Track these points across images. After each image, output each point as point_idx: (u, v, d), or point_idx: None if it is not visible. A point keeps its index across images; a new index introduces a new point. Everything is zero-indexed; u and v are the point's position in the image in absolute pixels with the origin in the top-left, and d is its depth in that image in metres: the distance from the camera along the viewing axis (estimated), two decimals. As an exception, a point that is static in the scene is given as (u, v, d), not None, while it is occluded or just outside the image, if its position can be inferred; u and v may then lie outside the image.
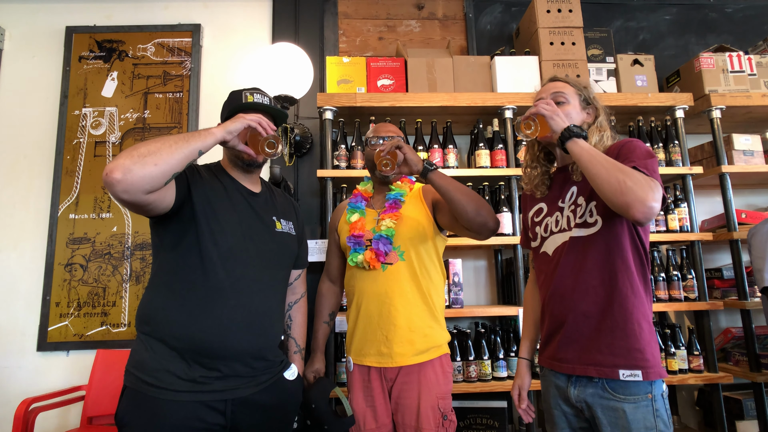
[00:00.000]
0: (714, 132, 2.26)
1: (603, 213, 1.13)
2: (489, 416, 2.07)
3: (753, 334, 2.08)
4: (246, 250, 1.19)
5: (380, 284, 1.42)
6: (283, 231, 1.31)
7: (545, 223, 1.26)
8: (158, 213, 1.10)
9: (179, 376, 1.08)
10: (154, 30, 2.58)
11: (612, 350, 1.09)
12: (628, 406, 1.06)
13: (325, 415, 1.38)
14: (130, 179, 0.94)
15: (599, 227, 1.13)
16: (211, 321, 1.11)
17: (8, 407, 2.17)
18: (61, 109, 2.46)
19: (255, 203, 1.28)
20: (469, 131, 2.41)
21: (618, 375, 1.07)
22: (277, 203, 1.38)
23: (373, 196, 1.59)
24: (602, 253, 1.13)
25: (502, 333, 2.13)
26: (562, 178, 1.26)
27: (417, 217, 1.47)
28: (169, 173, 1.00)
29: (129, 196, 0.96)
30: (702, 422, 2.29)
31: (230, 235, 1.18)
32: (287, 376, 1.27)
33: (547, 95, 1.25)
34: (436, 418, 1.35)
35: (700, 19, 2.83)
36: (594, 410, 1.10)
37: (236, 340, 1.12)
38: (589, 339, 1.12)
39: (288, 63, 2.12)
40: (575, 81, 1.28)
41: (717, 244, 2.44)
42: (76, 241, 2.35)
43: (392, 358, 1.38)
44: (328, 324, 1.61)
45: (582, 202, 1.17)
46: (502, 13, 2.77)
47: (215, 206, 1.18)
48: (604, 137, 1.20)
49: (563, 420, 1.19)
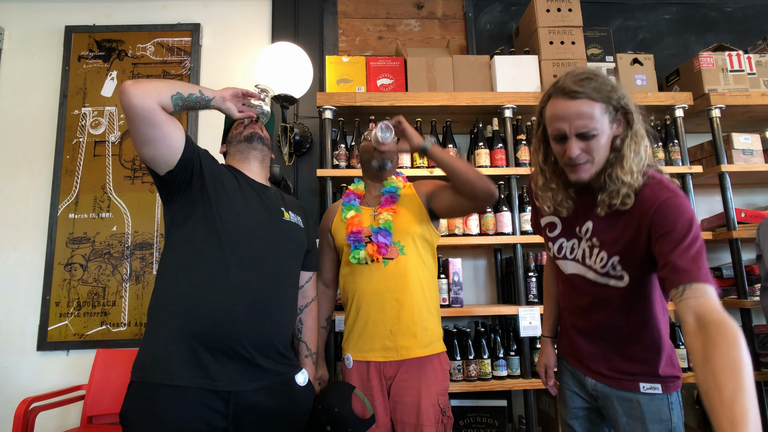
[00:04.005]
0: (713, 131, 2.26)
1: (633, 268, 1.02)
2: (489, 415, 2.07)
3: (752, 333, 2.09)
4: (252, 231, 1.20)
5: (382, 279, 1.42)
6: (290, 221, 1.32)
7: (560, 243, 1.16)
8: (165, 154, 1.11)
9: (183, 360, 1.06)
10: (153, 29, 2.57)
11: (633, 364, 1.09)
12: (644, 398, 1.07)
13: (350, 418, 1.33)
14: (141, 85, 1.04)
15: (627, 282, 1.03)
16: (214, 297, 1.10)
17: (8, 407, 2.17)
18: (61, 108, 2.46)
19: (263, 194, 1.30)
20: (469, 131, 2.40)
21: (639, 388, 1.08)
22: (285, 199, 1.40)
23: (365, 194, 1.60)
24: (627, 303, 1.07)
25: (502, 332, 2.13)
26: (581, 203, 1.09)
27: (413, 211, 1.49)
28: (174, 90, 1.08)
29: (142, 98, 1.02)
30: (702, 421, 2.29)
31: (237, 213, 1.19)
32: (298, 381, 1.23)
33: (570, 130, 0.97)
34: (436, 414, 1.35)
35: (699, 18, 2.83)
36: (610, 400, 1.12)
37: (239, 319, 1.10)
38: (609, 351, 1.13)
39: (287, 62, 2.12)
40: (599, 88, 0.96)
41: (716, 244, 2.44)
42: (76, 241, 2.35)
43: (397, 351, 1.39)
44: (325, 329, 1.60)
45: (597, 244, 1.05)
46: (501, 13, 2.77)
47: (225, 185, 1.21)
48: (641, 151, 0.98)
49: (575, 400, 1.23)
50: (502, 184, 2.25)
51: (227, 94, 1.20)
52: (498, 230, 2.13)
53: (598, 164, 0.99)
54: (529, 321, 1.99)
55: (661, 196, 0.95)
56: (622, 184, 0.97)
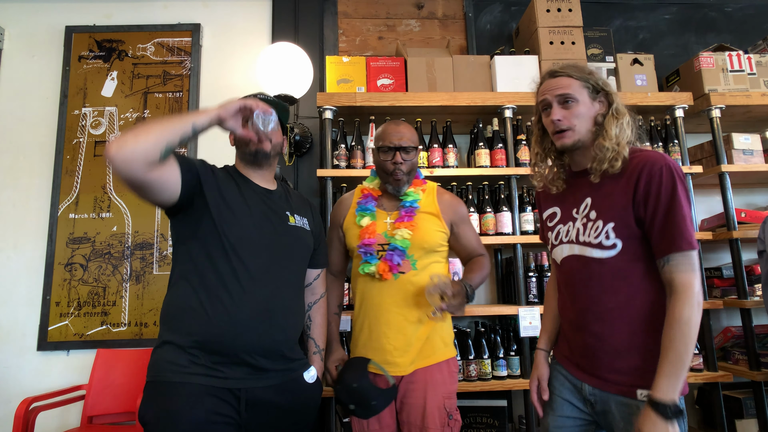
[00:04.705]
0: (713, 131, 2.26)
1: (625, 236, 1.07)
2: (489, 415, 2.07)
3: (753, 333, 2.08)
4: (256, 241, 1.20)
5: (391, 293, 1.39)
6: (296, 225, 1.31)
7: (557, 230, 1.22)
8: (165, 199, 1.11)
9: (194, 363, 1.10)
10: (153, 30, 2.58)
11: (628, 371, 1.07)
12: (643, 403, 1.04)
13: (372, 391, 1.31)
14: (125, 150, 0.98)
15: (618, 250, 1.07)
16: (221, 311, 1.12)
17: (8, 407, 2.17)
18: (61, 108, 2.46)
19: (268, 199, 1.29)
20: (469, 131, 2.41)
21: (636, 395, 1.04)
22: (291, 200, 1.38)
23: (381, 196, 1.52)
24: (623, 276, 1.08)
25: (502, 332, 2.13)
26: (579, 183, 1.18)
27: (432, 227, 1.44)
28: (162, 143, 1.01)
29: (127, 168, 0.98)
30: (701, 421, 2.30)
31: (241, 226, 1.19)
32: (306, 378, 1.25)
33: (551, 96, 1.13)
34: (441, 417, 1.34)
35: (699, 19, 2.83)
36: (608, 404, 1.09)
37: (247, 332, 1.12)
38: (604, 358, 1.10)
39: (288, 62, 2.12)
40: (578, 70, 1.14)
41: (717, 244, 2.44)
42: (76, 241, 2.36)
43: (399, 366, 1.37)
44: (338, 315, 1.58)
45: (594, 216, 1.11)
46: (501, 13, 2.77)
47: (227, 198, 1.20)
48: (624, 125, 1.11)
49: (565, 408, 1.18)
50: (502, 184, 2.26)
51: (227, 113, 1.11)
52: (498, 230, 2.13)
53: (579, 132, 1.13)
54: (529, 321, 1.99)
55: (644, 163, 1.06)
56: (606, 149, 1.09)
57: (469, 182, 2.21)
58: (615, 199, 1.09)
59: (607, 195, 1.10)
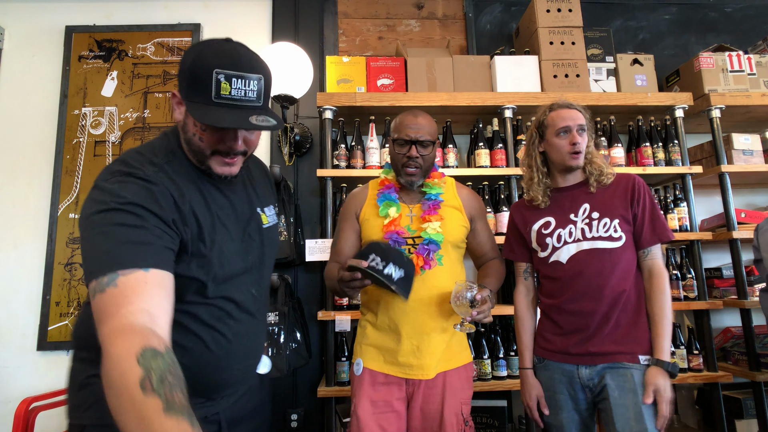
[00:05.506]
0: (713, 131, 2.26)
1: (626, 230, 1.34)
2: (489, 415, 2.07)
3: (752, 334, 2.09)
4: (238, 269, 1.03)
5: (415, 289, 1.27)
6: (269, 225, 1.14)
7: (557, 234, 1.40)
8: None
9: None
10: (153, 29, 2.58)
11: (637, 341, 1.30)
12: (637, 372, 1.26)
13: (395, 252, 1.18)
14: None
15: (624, 242, 1.33)
16: (213, 361, 0.99)
17: (8, 407, 2.17)
18: (61, 108, 2.46)
19: (239, 206, 1.06)
20: (469, 131, 2.41)
21: (639, 360, 1.28)
22: (256, 186, 1.15)
23: (400, 188, 1.45)
24: (627, 263, 1.33)
25: (502, 332, 2.13)
26: (572, 194, 1.42)
27: (457, 222, 1.41)
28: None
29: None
30: (701, 421, 2.29)
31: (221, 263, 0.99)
32: (260, 371, 1.17)
33: (574, 124, 1.37)
34: (459, 423, 1.30)
35: (699, 19, 2.83)
36: (604, 378, 1.28)
37: (234, 372, 1.03)
38: (622, 332, 1.31)
39: (288, 62, 2.12)
40: (583, 109, 1.43)
41: (716, 244, 2.44)
42: (76, 241, 2.35)
43: (423, 369, 1.30)
44: None
45: (597, 216, 1.36)
46: (501, 13, 2.77)
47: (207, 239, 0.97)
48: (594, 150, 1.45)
49: (569, 403, 1.33)
50: (501, 184, 2.26)
51: None
52: (498, 230, 2.13)
53: (584, 156, 1.41)
54: (529, 321, 1.98)
55: (631, 177, 1.40)
56: (598, 166, 1.41)
57: (469, 182, 2.21)
58: (615, 201, 1.36)
59: (606, 200, 1.37)
